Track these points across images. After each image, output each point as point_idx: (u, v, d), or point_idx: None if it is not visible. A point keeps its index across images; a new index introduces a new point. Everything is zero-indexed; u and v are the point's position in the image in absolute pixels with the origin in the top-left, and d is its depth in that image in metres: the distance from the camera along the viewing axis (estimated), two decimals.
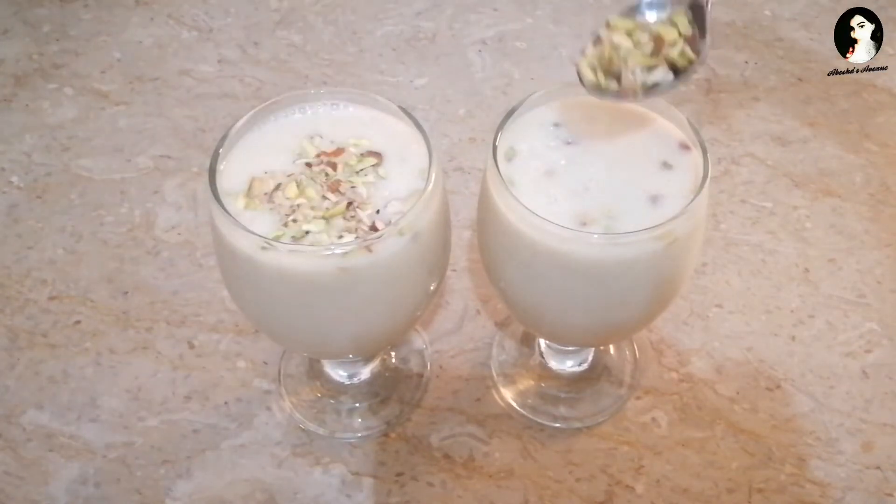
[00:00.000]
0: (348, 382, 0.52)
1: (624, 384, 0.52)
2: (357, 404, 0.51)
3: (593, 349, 0.53)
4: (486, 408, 0.51)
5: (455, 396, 0.51)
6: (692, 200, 0.38)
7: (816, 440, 0.49)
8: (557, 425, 0.50)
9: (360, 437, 0.50)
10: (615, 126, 0.42)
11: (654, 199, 0.39)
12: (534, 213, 0.37)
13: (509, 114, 0.42)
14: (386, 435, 0.50)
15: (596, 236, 0.37)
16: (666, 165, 0.40)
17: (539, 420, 0.50)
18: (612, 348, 0.54)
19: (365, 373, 0.52)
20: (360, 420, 0.50)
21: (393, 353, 0.54)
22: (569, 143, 0.42)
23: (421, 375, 0.52)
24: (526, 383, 0.52)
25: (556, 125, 0.42)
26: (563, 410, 0.51)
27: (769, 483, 0.47)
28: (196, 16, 0.76)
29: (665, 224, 0.36)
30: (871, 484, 0.47)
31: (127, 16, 0.76)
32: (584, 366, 0.53)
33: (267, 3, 0.77)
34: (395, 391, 0.52)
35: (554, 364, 0.53)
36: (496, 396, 0.51)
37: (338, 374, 0.52)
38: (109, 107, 0.68)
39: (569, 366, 0.53)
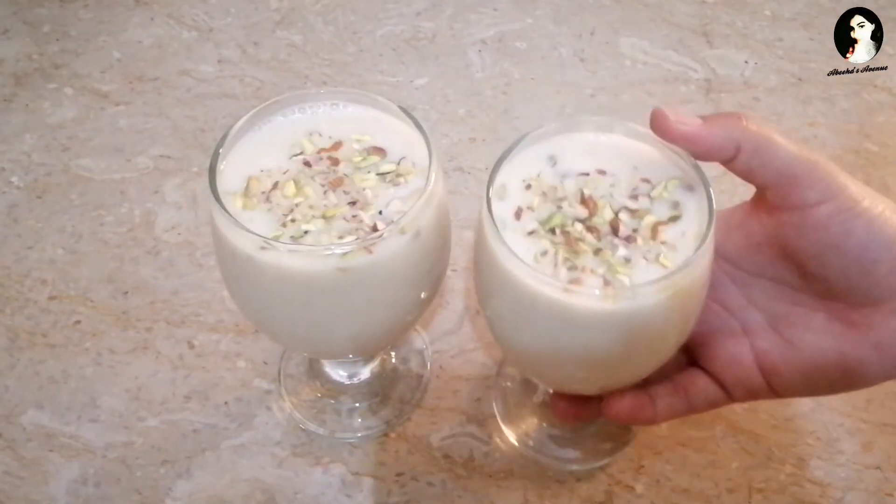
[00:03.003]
0: (348, 382, 0.52)
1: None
2: (357, 404, 0.51)
3: None
4: (486, 408, 0.51)
5: (455, 396, 0.51)
6: (698, 249, 0.35)
7: (816, 440, 0.49)
8: (569, 468, 0.48)
9: (360, 437, 0.50)
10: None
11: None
12: (526, 263, 0.34)
13: (505, 153, 0.39)
14: (386, 435, 0.50)
15: (597, 291, 0.35)
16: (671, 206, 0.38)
17: (546, 462, 0.49)
18: None
19: (365, 373, 0.52)
20: (360, 420, 0.50)
21: (393, 354, 0.54)
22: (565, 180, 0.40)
23: (421, 375, 0.52)
24: (530, 422, 0.51)
25: (552, 159, 0.40)
26: (571, 453, 0.49)
27: (769, 483, 0.47)
28: (196, 16, 0.76)
29: (669, 277, 0.34)
30: (871, 484, 0.47)
31: (127, 16, 0.76)
32: None
33: (267, 3, 0.77)
34: (395, 391, 0.52)
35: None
36: (498, 440, 0.50)
37: (338, 374, 0.52)
38: (109, 107, 0.68)
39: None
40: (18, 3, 0.77)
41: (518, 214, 0.37)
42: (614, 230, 0.37)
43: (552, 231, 0.37)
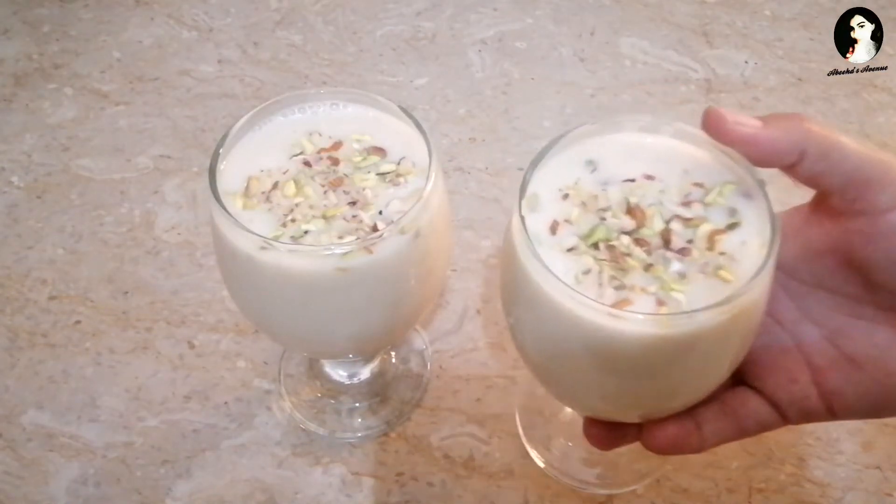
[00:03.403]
0: (348, 382, 0.52)
1: None
2: (357, 404, 0.51)
3: None
4: (485, 408, 0.51)
5: (455, 396, 0.51)
6: (766, 259, 0.31)
7: (816, 440, 0.49)
8: (600, 492, 0.47)
9: (360, 437, 0.50)
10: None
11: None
12: (566, 283, 0.30)
13: (536, 159, 0.35)
14: (386, 435, 0.50)
15: (641, 317, 0.30)
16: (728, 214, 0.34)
17: (575, 486, 0.47)
18: None
19: (365, 373, 0.52)
20: (360, 420, 0.50)
21: (393, 353, 0.54)
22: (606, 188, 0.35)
23: (421, 375, 0.52)
24: (556, 442, 0.48)
25: (591, 164, 0.36)
26: (602, 476, 0.47)
27: (769, 483, 0.47)
28: (196, 16, 0.76)
29: (737, 295, 0.30)
30: (871, 484, 0.47)
31: (127, 16, 0.76)
32: None
33: (267, 3, 0.77)
34: (395, 391, 0.52)
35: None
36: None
37: (338, 373, 0.52)
38: (109, 107, 0.68)
39: None
40: (18, 3, 0.77)
41: (554, 228, 0.34)
42: (666, 242, 0.33)
43: (595, 246, 0.33)
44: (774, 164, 0.33)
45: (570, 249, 0.33)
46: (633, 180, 0.35)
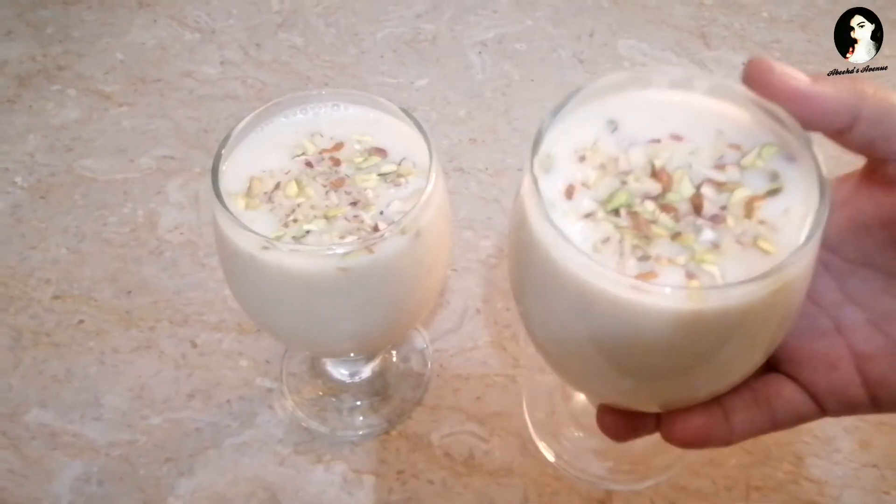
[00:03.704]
0: (350, 381, 0.52)
1: None
2: (358, 402, 0.52)
3: None
4: (486, 406, 0.51)
5: (455, 395, 0.52)
6: (811, 235, 0.27)
7: (814, 438, 0.49)
8: (613, 488, 0.44)
9: (361, 436, 0.50)
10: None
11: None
12: (583, 252, 0.27)
13: (550, 115, 0.31)
14: (387, 433, 0.50)
15: (668, 290, 0.26)
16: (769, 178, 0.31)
17: (586, 480, 0.45)
18: None
19: (366, 371, 0.53)
20: (361, 418, 0.51)
21: (394, 352, 0.54)
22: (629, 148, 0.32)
23: (421, 374, 0.53)
24: (566, 433, 0.46)
25: (612, 123, 0.32)
26: (615, 470, 0.45)
27: (767, 481, 0.48)
28: (198, 17, 0.76)
29: (780, 268, 0.26)
30: (868, 482, 0.48)
31: (130, 17, 0.76)
32: None
33: (269, 5, 0.77)
34: (396, 390, 0.52)
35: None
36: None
37: (339, 372, 0.52)
38: (112, 108, 0.69)
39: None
40: (22, 5, 0.77)
41: (569, 193, 0.30)
42: (696, 208, 0.29)
43: (615, 213, 0.29)
44: (824, 127, 0.29)
45: (587, 216, 0.29)
46: (658, 141, 0.31)
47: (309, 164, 0.40)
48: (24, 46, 0.74)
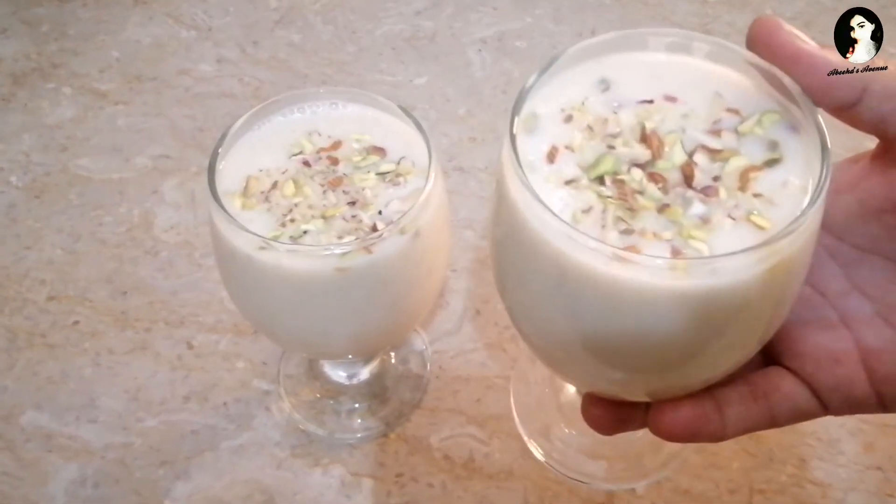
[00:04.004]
0: (348, 383, 0.52)
1: None
2: (356, 405, 0.51)
3: None
4: (485, 409, 0.51)
5: (455, 397, 0.51)
6: (812, 202, 0.26)
7: (817, 441, 0.49)
8: (605, 487, 0.43)
9: (359, 438, 0.49)
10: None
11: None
12: (562, 220, 0.25)
13: (541, 71, 0.30)
14: (385, 436, 0.50)
15: (660, 261, 0.25)
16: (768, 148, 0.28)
17: (577, 479, 0.44)
18: None
19: (364, 373, 0.52)
20: (359, 421, 0.50)
21: (392, 354, 0.54)
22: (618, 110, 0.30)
23: (420, 376, 0.52)
24: (556, 431, 0.45)
25: (604, 83, 0.30)
26: (607, 469, 0.44)
27: (770, 484, 0.47)
28: (195, 15, 0.75)
29: (770, 243, 0.24)
30: (872, 485, 0.47)
31: (125, 15, 0.76)
32: None
33: (266, 2, 0.77)
34: (394, 392, 0.52)
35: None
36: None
37: (337, 374, 0.52)
38: (108, 106, 0.68)
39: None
40: (17, 3, 0.76)
41: (552, 156, 0.28)
42: (687, 178, 0.27)
43: (600, 180, 0.27)
44: (830, 98, 0.27)
45: (569, 182, 0.27)
46: (650, 101, 0.29)
47: (306, 164, 0.40)
48: (18, 44, 0.73)
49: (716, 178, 0.27)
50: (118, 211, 0.61)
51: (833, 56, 0.27)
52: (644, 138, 0.28)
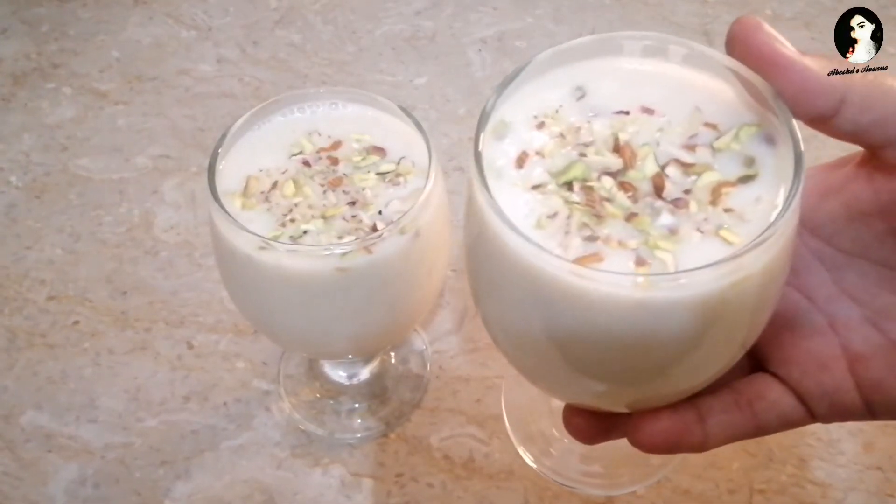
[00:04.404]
0: (348, 383, 0.52)
1: None
2: (356, 405, 0.51)
3: None
4: (485, 409, 0.51)
5: (455, 397, 0.51)
6: (779, 217, 0.25)
7: (817, 441, 0.49)
8: (597, 493, 0.43)
9: (359, 438, 0.49)
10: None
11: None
12: (513, 226, 0.25)
13: (511, 76, 0.29)
14: (385, 436, 0.50)
15: (611, 276, 0.24)
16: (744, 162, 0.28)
17: (570, 486, 0.43)
18: None
19: (364, 373, 0.52)
20: (359, 421, 0.50)
21: (392, 354, 0.54)
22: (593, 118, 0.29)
23: (420, 376, 0.52)
24: (548, 436, 0.45)
25: (580, 90, 0.30)
26: (601, 475, 0.44)
27: (770, 484, 0.47)
28: (195, 15, 0.75)
29: (734, 258, 0.24)
30: (873, 485, 0.47)
31: (125, 15, 0.75)
32: None
33: (266, 2, 0.76)
34: (394, 392, 0.52)
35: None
36: (503, 448, 0.46)
37: (337, 374, 0.52)
38: (108, 106, 0.68)
39: None
40: (17, 3, 0.76)
41: (521, 161, 0.28)
42: (658, 189, 0.27)
43: (568, 186, 0.27)
44: (807, 107, 0.26)
45: (536, 186, 0.27)
46: (626, 112, 0.29)
47: (306, 164, 0.40)
48: (18, 44, 0.73)
49: (687, 192, 0.27)
50: (118, 211, 0.61)
51: (812, 63, 0.26)
52: (617, 149, 0.28)
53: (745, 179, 0.27)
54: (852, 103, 0.26)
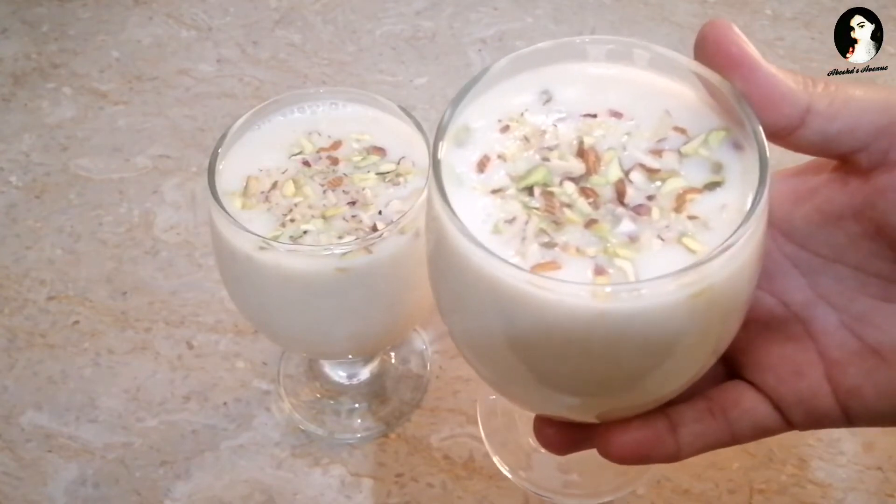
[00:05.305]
0: (348, 383, 0.52)
1: None
2: (356, 405, 0.51)
3: None
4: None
5: (455, 397, 0.51)
6: (742, 225, 0.24)
7: (818, 441, 0.49)
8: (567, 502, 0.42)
9: (359, 438, 0.49)
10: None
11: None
12: (465, 231, 0.24)
13: (473, 80, 0.28)
14: (385, 436, 0.50)
15: (581, 284, 0.24)
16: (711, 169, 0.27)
17: (546, 497, 0.43)
18: None
19: (364, 373, 0.52)
20: (359, 421, 0.50)
21: (393, 354, 0.54)
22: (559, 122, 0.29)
23: (421, 376, 0.52)
24: (523, 444, 0.44)
25: (546, 94, 0.29)
26: (578, 484, 0.43)
27: (770, 484, 0.47)
28: (195, 15, 0.75)
29: (694, 268, 0.23)
30: (872, 485, 0.47)
31: (125, 15, 0.75)
32: None
33: (266, 2, 0.76)
34: (394, 392, 0.52)
35: None
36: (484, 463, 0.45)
37: (337, 374, 0.52)
38: (108, 106, 0.68)
39: None
40: (17, 3, 0.76)
41: (482, 165, 0.27)
42: (620, 195, 0.26)
43: (528, 191, 0.26)
44: (774, 115, 0.26)
45: (495, 191, 0.26)
46: (594, 116, 0.28)
47: (306, 164, 0.40)
48: (18, 44, 0.73)
49: (650, 198, 0.26)
50: (118, 211, 0.61)
51: (777, 70, 0.26)
52: (581, 153, 0.27)
53: (712, 186, 0.26)
54: (818, 112, 0.26)
